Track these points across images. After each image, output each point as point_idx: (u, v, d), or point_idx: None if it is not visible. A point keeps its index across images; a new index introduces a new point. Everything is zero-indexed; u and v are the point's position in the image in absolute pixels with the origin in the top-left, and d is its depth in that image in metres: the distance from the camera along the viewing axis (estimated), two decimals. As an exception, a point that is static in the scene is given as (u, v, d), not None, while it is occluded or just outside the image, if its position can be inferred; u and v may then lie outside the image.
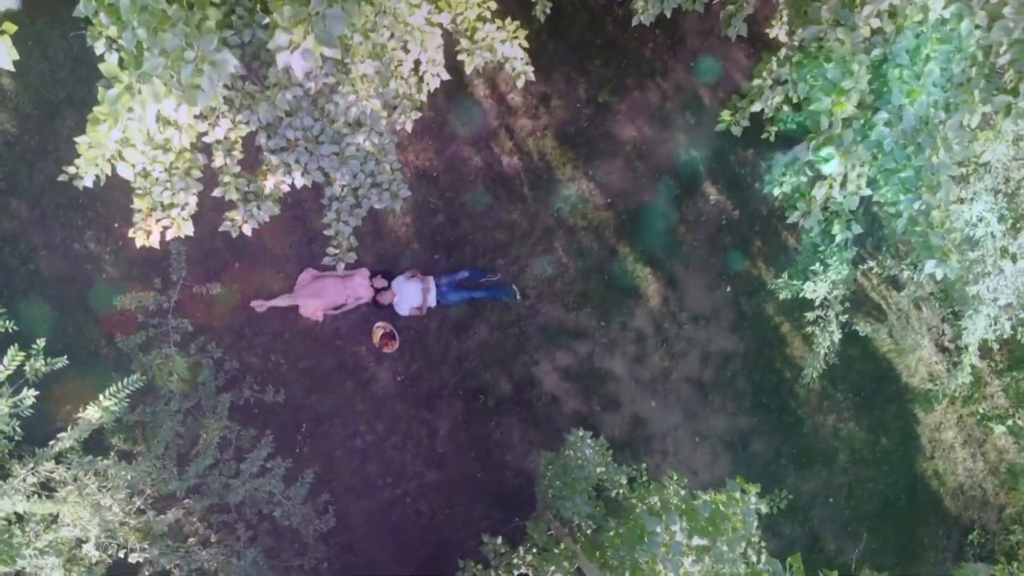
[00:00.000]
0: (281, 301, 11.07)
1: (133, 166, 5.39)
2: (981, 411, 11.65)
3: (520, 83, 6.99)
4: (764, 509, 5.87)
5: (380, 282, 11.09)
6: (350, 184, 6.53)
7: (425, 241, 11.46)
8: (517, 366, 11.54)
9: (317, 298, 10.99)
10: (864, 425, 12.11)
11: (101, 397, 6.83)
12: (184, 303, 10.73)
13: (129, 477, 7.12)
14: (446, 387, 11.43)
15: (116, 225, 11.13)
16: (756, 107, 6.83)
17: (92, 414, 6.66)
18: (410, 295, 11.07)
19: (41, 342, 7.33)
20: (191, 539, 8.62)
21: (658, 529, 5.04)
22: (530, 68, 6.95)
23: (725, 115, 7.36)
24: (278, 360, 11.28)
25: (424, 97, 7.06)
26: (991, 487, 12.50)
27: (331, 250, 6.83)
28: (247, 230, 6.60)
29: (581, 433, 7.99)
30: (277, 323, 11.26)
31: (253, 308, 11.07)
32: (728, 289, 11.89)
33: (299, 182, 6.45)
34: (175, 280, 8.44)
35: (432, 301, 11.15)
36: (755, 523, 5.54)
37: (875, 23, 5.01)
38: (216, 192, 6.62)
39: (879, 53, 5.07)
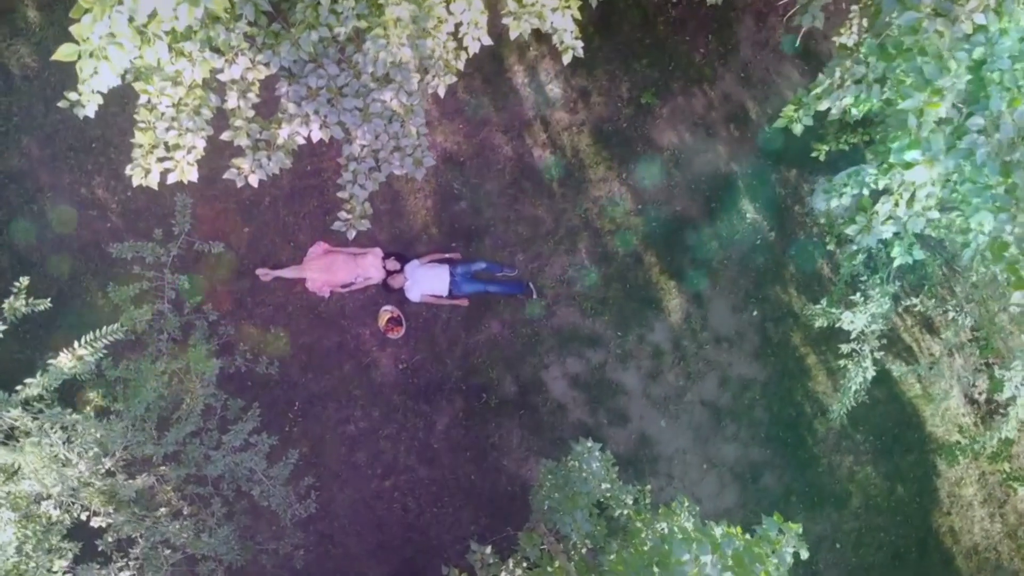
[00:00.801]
0: (288, 272, 10.51)
1: (120, 73, 4.78)
2: (1007, 470, 10.95)
3: (567, 58, 6.37)
4: (805, 554, 5.21)
5: (393, 264, 10.51)
6: (371, 145, 5.95)
7: (444, 227, 10.88)
8: (525, 368, 10.92)
9: (326, 273, 10.42)
10: (881, 471, 11.42)
11: (76, 344, 6.24)
12: (184, 260, 10.19)
13: (99, 435, 6.53)
14: (448, 381, 10.83)
15: (128, 173, 10.57)
16: (824, 104, 6.19)
17: (64, 361, 6.07)
18: (422, 281, 10.48)
19: (24, 280, 6.75)
20: (162, 509, 8.01)
21: (685, 557, 4.40)
22: (579, 43, 6.35)
23: (788, 110, 6.73)
24: (277, 333, 10.71)
25: (461, 64, 6.46)
26: (1007, 550, 11.78)
27: (343, 214, 6.24)
28: (253, 181, 6.02)
29: (590, 444, 7.35)
30: (281, 295, 10.70)
31: (258, 276, 10.51)
32: (755, 313, 11.24)
33: (316, 135, 5.86)
34: (177, 233, 7.85)
35: (444, 290, 10.55)
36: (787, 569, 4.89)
37: (979, 19, 4.40)
38: (225, 135, 6.05)
39: (980, 52, 4.46)
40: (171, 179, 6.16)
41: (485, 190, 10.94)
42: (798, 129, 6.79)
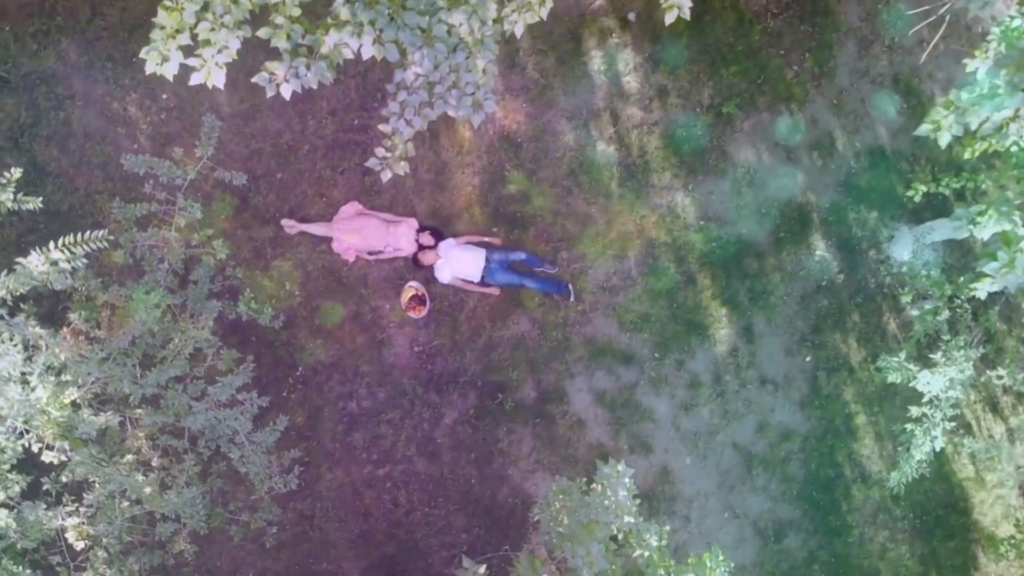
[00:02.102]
0: (316, 228, 9.64)
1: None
2: (1057, 578, 9.79)
3: (671, 17, 5.40)
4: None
5: (427, 239, 9.58)
6: (428, 75, 5.02)
7: (489, 209, 9.94)
8: (549, 374, 9.93)
9: (355, 236, 9.53)
10: (917, 553, 10.28)
11: (51, 245, 5.35)
12: (202, 189, 9.37)
13: (63, 357, 5.63)
14: (465, 374, 9.86)
15: (164, 96, 9.78)
16: (984, 112, 5.16)
17: (35, 263, 5.18)
18: (455, 262, 9.55)
19: (16, 171, 5.88)
20: (129, 456, 7.11)
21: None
22: (688, 2, 5.36)
23: (936, 113, 5.69)
24: (292, 291, 9.81)
25: (545, 11, 5.51)
26: (1039, 666, 10.58)
27: (380, 151, 5.31)
28: (286, 91, 5.10)
29: (620, 468, 6.34)
30: (304, 251, 9.81)
31: (283, 226, 9.64)
32: (808, 358, 10.18)
33: (367, 51, 4.94)
34: (199, 156, 6.96)
35: (476, 276, 9.61)
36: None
37: None
38: (261, 32, 5.13)
39: None
40: (194, 79, 5.26)
41: (538, 177, 10.00)
42: (944, 139, 5.77)
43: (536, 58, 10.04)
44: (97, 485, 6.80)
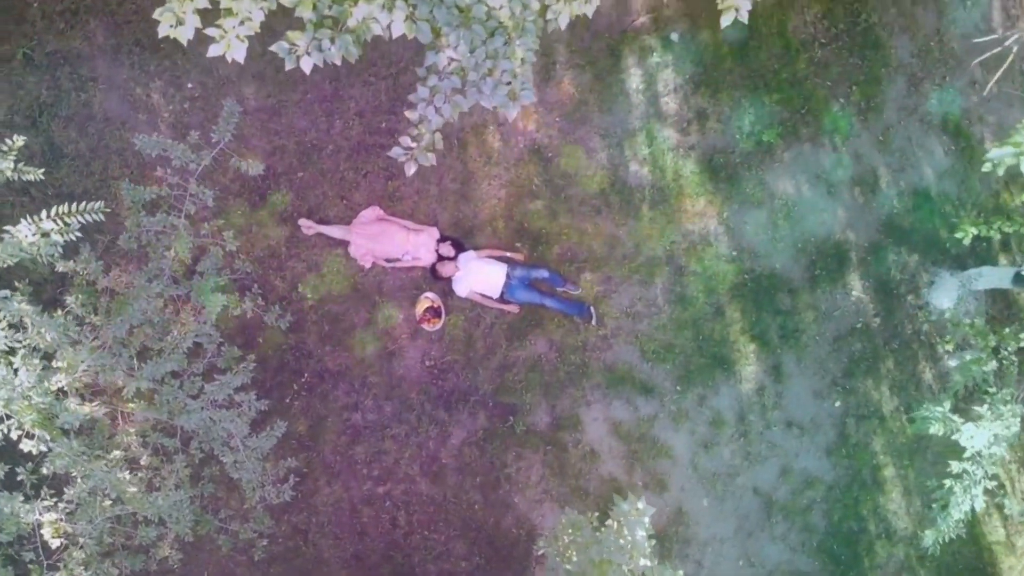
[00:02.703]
0: (333, 231, 9.24)
1: None
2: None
3: (727, 19, 4.96)
4: None
5: (447, 249, 9.15)
6: (462, 59, 4.60)
7: (513, 223, 9.51)
8: (564, 399, 9.44)
9: (373, 241, 9.12)
10: (940, 619, 9.65)
11: (43, 214, 4.94)
12: (216, 178, 9.00)
13: (49, 338, 5.21)
14: (476, 393, 9.38)
15: (190, 85, 9.46)
16: None
17: (23, 233, 4.77)
18: (474, 276, 9.11)
19: (18, 139, 5.50)
20: (117, 452, 6.67)
21: None
22: (747, 3, 4.93)
23: (1018, 138, 5.20)
24: (304, 294, 9.38)
25: (591, 7, 5.10)
26: None
27: (406, 140, 4.89)
28: (306, 64, 4.70)
29: (641, 505, 5.82)
30: (319, 253, 9.41)
31: (300, 226, 9.25)
32: (838, 403, 9.64)
33: (397, 28, 4.54)
34: (215, 141, 6.57)
35: (496, 291, 9.17)
36: None
37: None
38: (286, 0, 4.73)
39: None
40: (212, 51, 4.87)
41: (567, 194, 9.57)
42: (1003, 169, 5.28)
43: (573, 73, 9.65)
44: (79, 480, 6.34)
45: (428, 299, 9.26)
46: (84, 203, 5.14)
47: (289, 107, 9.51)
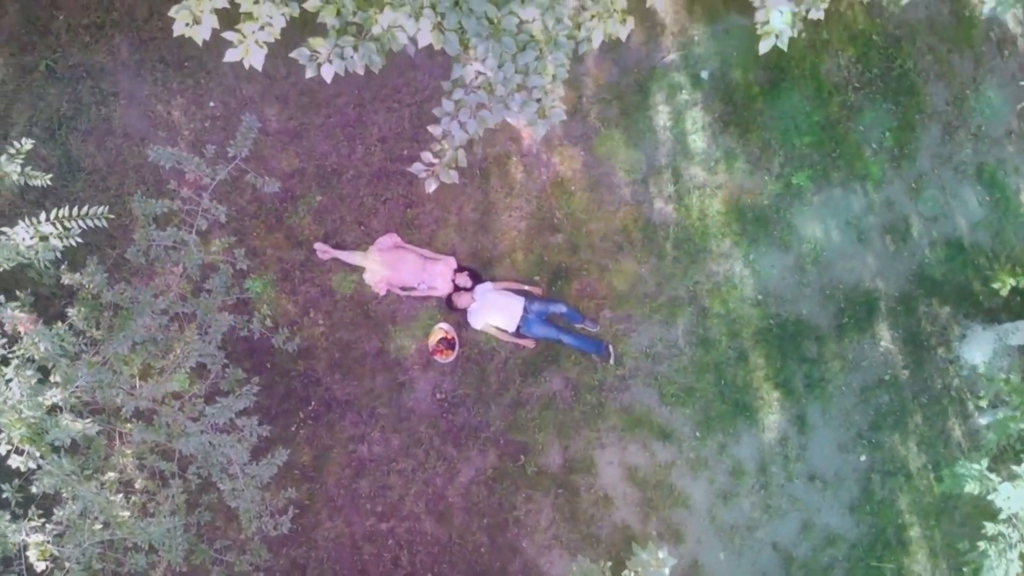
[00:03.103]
0: (349, 256, 9.00)
1: None
2: None
3: (766, 45, 4.71)
4: None
5: (464, 280, 8.89)
6: (490, 72, 4.36)
7: (532, 256, 9.24)
8: (578, 440, 9.08)
9: (389, 269, 8.86)
10: None
11: (42, 216, 4.70)
12: (231, 195, 8.80)
13: (42, 348, 4.95)
14: (487, 429, 9.04)
15: (212, 104, 9.31)
16: None
17: (20, 235, 4.53)
18: (490, 309, 8.83)
19: (26, 144, 5.29)
20: (111, 474, 6.36)
21: None
22: (789, 31, 4.68)
23: None
24: (316, 319, 9.12)
25: (625, 31, 4.86)
26: None
27: (427, 155, 4.64)
28: (327, 73, 4.47)
29: (662, 555, 5.46)
30: (334, 279, 9.15)
31: (315, 250, 9.02)
32: (863, 458, 9.23)
33: (424, 38, 4.31)
34: (231, 156, 6.36)
35: (512, 325, 8.87)
36: None
37: None
38: (309, 4, 4.52)
39: None
40: (229, 56, 4.66)
41: (589, 228, 9.30)
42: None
43: (600, 107, 9.45)
44: (69, 501, 6.03)
45: (442, 330, 8.97)
46: (87, 207, 4.90)
47: (311, 130, 9.34)
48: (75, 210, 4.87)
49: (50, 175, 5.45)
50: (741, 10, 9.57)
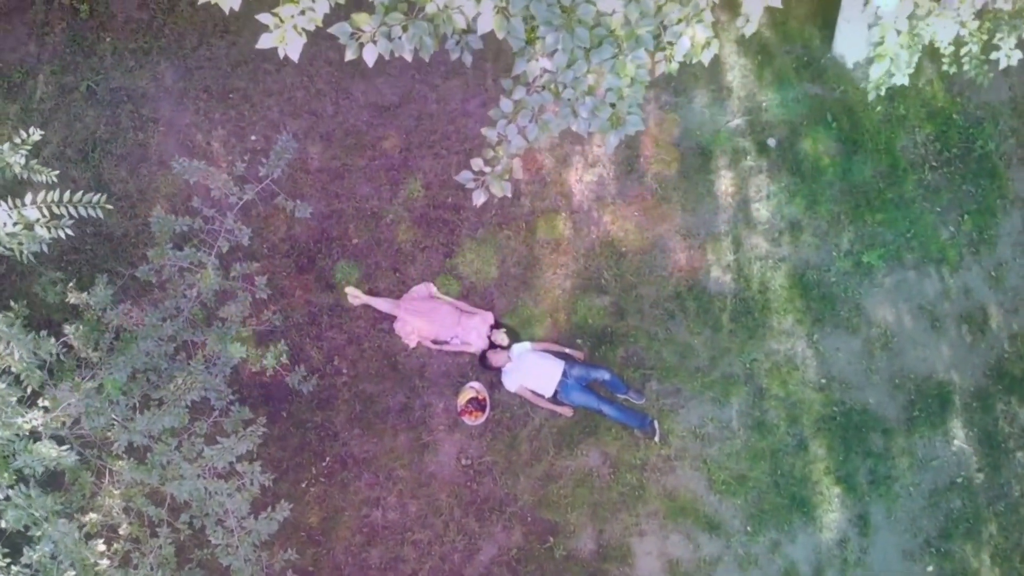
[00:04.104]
0: (381, 304, 8.32)
1: None
2: None
3: (897, 64, 3.99)
4: None
5: (500, 337, 8.14)
6: (558, 70, 3.70)
7: (576, 318, 8.49)
8: (614, 525, 8.14)
9: (422, 319, 8.16)
10: None
11: (27, 198, 4.06)
12: (265, 231, 8.24)
13: (17, 356, 4.25)
14: (514, 503, 8.15)
15: (253, 138, 8.84)
16: None
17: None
18: (527, 370, 8.05)
19: (35, 133, 4.71)
20: (93, 515, 5.59)
21: None
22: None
23: None
24: (339, 367, 8.40)
25: (709, 54, 4.21)
26: None
27: (478, 163, 3.95)
28: (370, 54, 3.85)
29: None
30: (363, 325, 8.48)
31: (346, 294, 8.36)
32: (930, 568, 8.17)
33: (485, 23, 3.68)
34: (262, 175, 5.76)
35: (549, 390, 8.07)
36: None
37: None
38: (355, -24, 3.91)
39: None
40: (263, 42, 4.06)
41: (639, 293, 8.55)
42: None
43: (657, 167, 8.81)
44: (42, 542, 5.25)
45: (473, 389, 8.18)
46: (82, 192, 4.26)
47: (353, 171, 8.81)
48: (67, 194, 4.23)
49: (56, 171, 4.84)
50: (813, 79, 9.00)
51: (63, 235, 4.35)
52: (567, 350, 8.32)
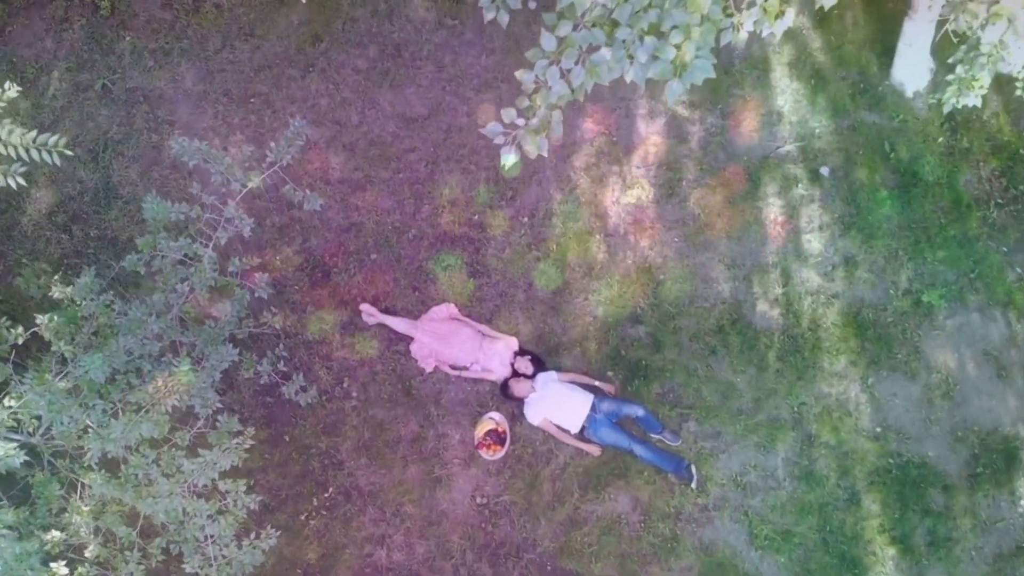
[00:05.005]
0: (398, 324, 7.61)
1: None
2: None
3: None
4: None
5: (525, 365, 7.38)
6: (613, 4, 3.01)
7: (608, 348, 7.72)
8: (643, 579, 7.24)
9: (440, 342, 7.43)
10: None
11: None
12: (277, 238, 7.61)
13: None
14: (532, 550, 7.29)
15: (272, 144, 8.22)
16: None
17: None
18: (552, 402, 7.26)
19: (12, 89, 4.09)
20: (56, 533, 4.84)
21: None
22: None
23: None
24: (349, 390, 7.66)
25: (781, 27, 3.51)
26: None
27: (510, 113, 3.23)
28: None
29: None
30: (377, 347, 7.75)
31: (361, 312, 7.67)
32: (999, 652, 7.17)
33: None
34: (269, 162, 5.11)
35: (576, 425, 7.27)
36: None
37: None
38: None
39: None
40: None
41: (677, 324, 7.78)
42: None
43: (701, 192, 8.11)
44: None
45: (492, 420, 7.39)
46: (35, 132, 3.60)
47: (376, 184, 8.19)
48: (21, 131, 3.57)
49: (19, 88, 4.18)
50: (870, 106, 8.31)
51: (13, 184, 3.69)
52: (597, 382, 7.54)
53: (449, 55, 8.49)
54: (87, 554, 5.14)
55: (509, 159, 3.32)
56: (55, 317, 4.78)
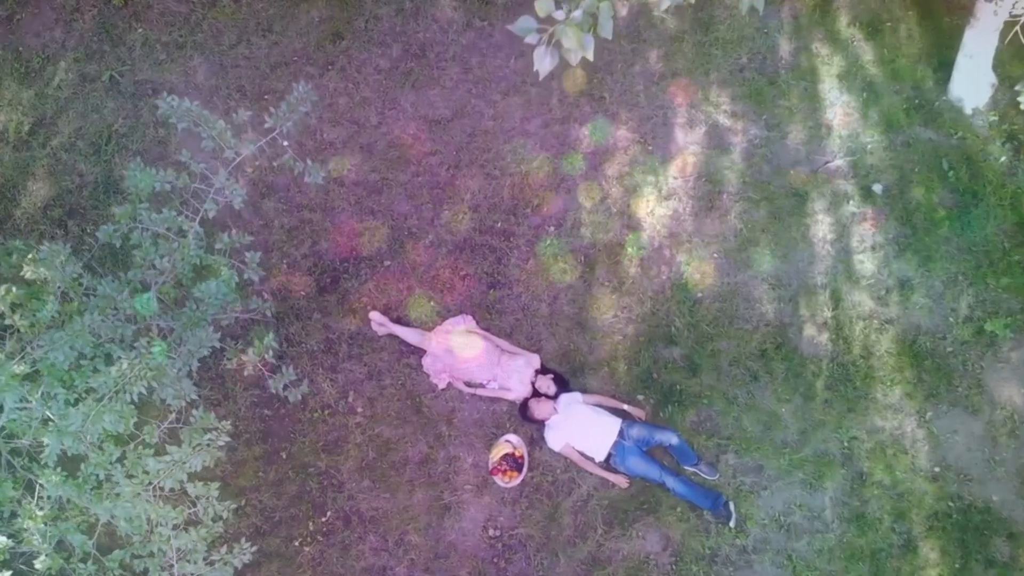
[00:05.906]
0: (410, 335, 6.91)
1: None
2: None
3: None
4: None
5: (546, 385, 6.62)
6: None
7: (638, 369, 6.95)
8: (672, 628, 6.35)
9: (456, 357, 6.71)
10: None
11: None
12: (286, 240, 6.98)
13: None
14: (550, 590, 6.43)
15: (285, 143, 7.64)
16: None
17: None
18: (576, 426, 6.49)
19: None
20: (3, 539, 4.11)
21: None
22: None
23: None
24: (354, 405, 6.92)
25: None
26: None
27: (547, 4, 2.53)
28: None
29: None
30: (386, 359, 7.04)
31: (371, 320, 6.98)
32: None
33: None
34: (268, 127, 4.46)
35: (601, 453, 6.48)
36: None
37: None
38: None
39: None
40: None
41: (716, 347, 7.01)
42: None
43: (743, 206, 7.41)
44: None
45: (509, 444, 6.61)
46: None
47: (394, 187, 7.57)
48: None
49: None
50: (926, 122, 7.63)
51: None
52: (626, 406, 6.76)
53: (476, 57, 7.92)
54: (37, 565, 4.39)
55: (544, 62, 2.62)
56: (13, 289, 4.10)
